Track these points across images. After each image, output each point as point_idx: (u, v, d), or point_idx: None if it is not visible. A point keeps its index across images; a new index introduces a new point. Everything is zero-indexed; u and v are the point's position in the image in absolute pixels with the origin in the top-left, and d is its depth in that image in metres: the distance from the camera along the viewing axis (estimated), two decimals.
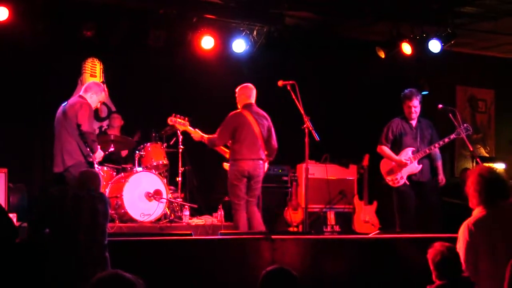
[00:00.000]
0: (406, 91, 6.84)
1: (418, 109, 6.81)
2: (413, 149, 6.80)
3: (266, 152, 6.56)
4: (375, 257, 5.45)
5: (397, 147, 6.87)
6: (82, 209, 4.26)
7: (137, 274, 2.32)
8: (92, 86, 6.40)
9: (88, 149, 6.00)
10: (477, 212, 3.92)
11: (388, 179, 6.87)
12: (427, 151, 6.73)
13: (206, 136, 6.62)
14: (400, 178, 6.77)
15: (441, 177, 6.86)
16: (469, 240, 3.83)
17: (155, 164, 7.48)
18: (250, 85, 6.63)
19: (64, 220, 4.21)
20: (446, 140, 6.72)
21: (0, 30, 7.25)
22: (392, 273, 5.33)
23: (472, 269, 3.85)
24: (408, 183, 6.78)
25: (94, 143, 6.10)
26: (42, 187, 7.85)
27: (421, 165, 6.76)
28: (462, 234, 3.89)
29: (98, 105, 6.53)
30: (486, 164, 7.76)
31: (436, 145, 6.72)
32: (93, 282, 2.17)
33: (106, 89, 6.56)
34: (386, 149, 6.87)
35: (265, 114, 6.60)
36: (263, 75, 8.55)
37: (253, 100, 6.58)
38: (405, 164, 6.72)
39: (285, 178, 8.34)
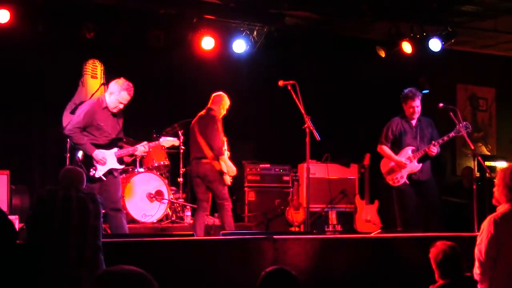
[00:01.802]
0: (407, 91, 6.82)
1: (419, 109, 6.81)
2: (413, 148, 6.80)
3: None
4: (377, 256, 5.45)
5: (397, 146, 6.87)
6: (71, 209, 4.20)
7: None
8: (112, 85, 6.01)
9: (81, 157, 5.85)
10: (503, 208, 3.90)
11: (388, 178, 6.87)
12: (427, 149, 6.73)
13: None
14: (400, 178, 6.78)
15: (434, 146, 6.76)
16: (494, 233, 3.81)
17: (156, 165, 7.49)
18: (219, 93, 6.75)
19: (54, 221, 4.18)
20: (446, 138, 6.71)
21: (1, 32, 7.28)
22: (394, 272, 5.34)
23: (491, 264, 3.83)
24: (408, 182, 6.79)
25: (82, 146, 5.83)
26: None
27: (421, 164, 6.76)
28: (486, 227, 3.86)
29: (121, 106, 5.97)
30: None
31: (436, 143, 6.72)
32: (118, 274, 2.08)
33: (129, 88, 5.98)
34: (386, 149, 6.87)
35: (204, 113, 6.59)
36: (263, 75, 8.57)
37: (211, 105, 6.67)
38: (405, 165, 6.72)
39: (286, 178, 8.34)
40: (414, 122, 6.87)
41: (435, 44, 8.29)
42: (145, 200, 7.09)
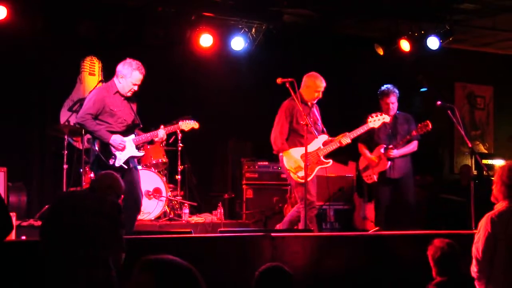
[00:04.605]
0: (383, 88, 6.89)
1: (395, 106, 6.84)
2: (384, 146, 6.83)
3: None
4: (375, 253, 5.45)
5: (373, 144, 6.92)
6: (86, 209, 4.11)
7: None
8: (120, 69, 5.73)
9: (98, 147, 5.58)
10: (500, 206, 3.91)
11: (363, 176, 6.98)
12: (386, 154, 6.73)
13: None
14: (373, 175, 6.84)
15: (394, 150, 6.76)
16: (491, 231, 3.82)
17: (154, 162, 7.48)
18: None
19: (66, 218, 4.14)
20: (408, 137, 6.72)
21: None
22: (392, 270, 5.34)
23: (488, 262, 3.83)
24: (376, 180, 6.83)
25: (96, 132, 5.55)
26: None
27: (390, 162, 6.76)
28: (483, 225, 3.87)
29: (135, 88, 5.72)
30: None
31: (401, 142, 6.72)
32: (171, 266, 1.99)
33: (139, 67, 5.71)
34: (361, 146, 6.97)
35: None
36: (261, 72, 8.55)
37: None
38: (374, 163, 6.79)
39: (285, 176, 8.32)
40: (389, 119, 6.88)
41: (433, 42, 8.30)
42: (143, 198, 7.07)
